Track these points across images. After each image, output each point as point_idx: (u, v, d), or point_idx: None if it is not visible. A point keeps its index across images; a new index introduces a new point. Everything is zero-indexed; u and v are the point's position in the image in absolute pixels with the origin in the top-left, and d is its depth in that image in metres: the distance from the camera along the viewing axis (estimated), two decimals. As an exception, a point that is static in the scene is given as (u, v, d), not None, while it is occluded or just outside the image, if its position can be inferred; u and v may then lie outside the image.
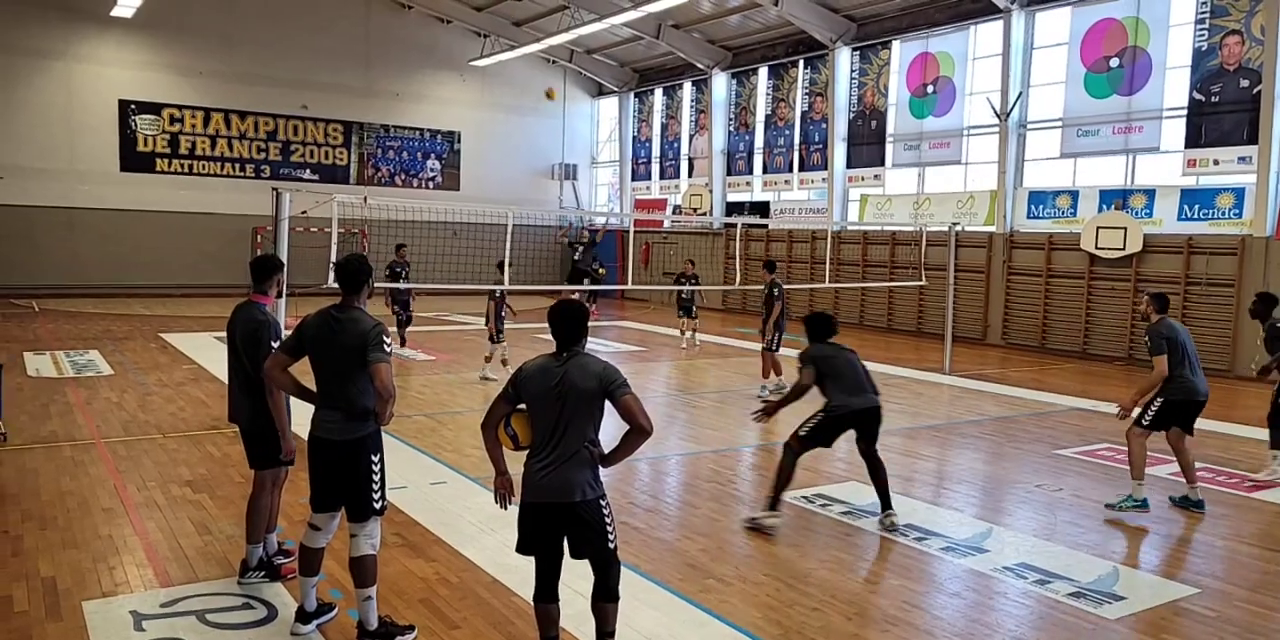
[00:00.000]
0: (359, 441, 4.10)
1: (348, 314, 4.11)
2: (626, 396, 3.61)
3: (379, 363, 3.96)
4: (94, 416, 8.67)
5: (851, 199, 19.87)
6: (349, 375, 4.05)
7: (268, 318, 4.68)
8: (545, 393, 3.66)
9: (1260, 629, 4.51)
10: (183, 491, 6.32)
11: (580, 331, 3.75)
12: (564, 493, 3.66)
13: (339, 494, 4.14)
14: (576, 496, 3.66)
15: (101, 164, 21.52)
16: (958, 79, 17.39)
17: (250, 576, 4.72)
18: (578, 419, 3.65)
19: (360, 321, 4.07)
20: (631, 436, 3.65)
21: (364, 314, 4.13)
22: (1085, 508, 6.55)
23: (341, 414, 4.07)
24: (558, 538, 3.75)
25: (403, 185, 25.12)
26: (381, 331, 4.05)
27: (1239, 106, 13.33)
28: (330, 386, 4.10)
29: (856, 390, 6.07)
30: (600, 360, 3.75)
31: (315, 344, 4.10)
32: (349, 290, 4.18)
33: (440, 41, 25.02)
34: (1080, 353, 15.21)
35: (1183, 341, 6.41)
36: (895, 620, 4.50)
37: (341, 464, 4.09)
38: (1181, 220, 14.15)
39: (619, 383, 3.63)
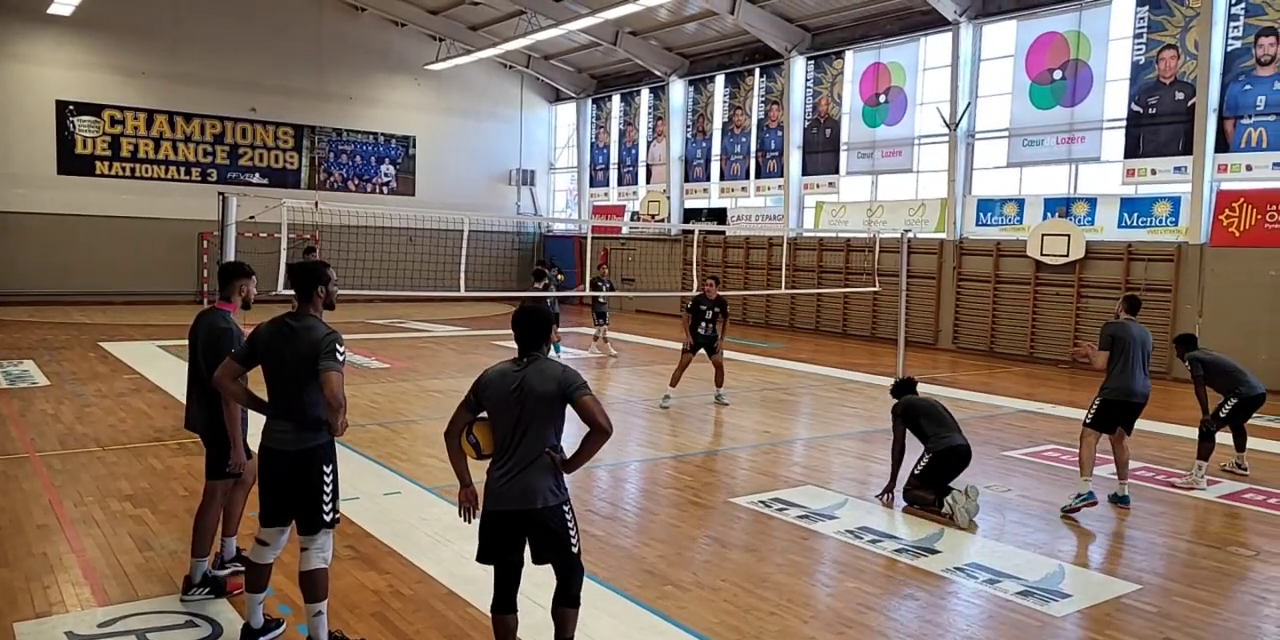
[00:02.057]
0: (311, 452, 4.01)
1: (302, 322, 4.02)
2: (585, 397, 3.59)
3: (329, 371, 3.87)
4: (28, 429, 8.36)
5: (807, 206, 20.11)
6: (301, 384, 3.97)
7: (230, 326, 4.62)
8: (504, 398, 3.64)
9: (1197, 622, 4.65)
10: (123, 506, 6.12)
11: (541, 336, 3.74)
12: (525, 500, 3.63)
13: (290, 507, 4.05)
14: (538, 503, 3.64)
15: (38, 167, 20.82)
16: (909, 89, 17.73)
17: (194, 593, 4.59)
18: (536, 424, 3.63)
19: (314, 329, 3.99)
20: (592, 437, 3.62)
21: (318, 322, 4.05)
22: (1032, 508, 6.69)
23: (293, 424, 3.99)
24: (519, 546, 3.72)
25: (356, 190, 24.76)
26: (335, 340, 3.97)
27: (1175, 118, 13.80)
28: (282, 396, 4.03)
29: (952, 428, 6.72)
30: (560, 364, 3.73)
31: (268, 352, 4.03)
32: (302, 297, 4.08)
33: (395, 45, 24.75)
34: (1027, 356, 15.58)
35: (1129, 343, 6.57)
36: (851, 622, 4.54)
37: (293, 475, 4.00)
38: (1121, 228, 14.60)
39: (577, 385, 3.60)
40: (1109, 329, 6.65)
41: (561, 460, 3.71)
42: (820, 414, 10.62)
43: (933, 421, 6.68)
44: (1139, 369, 6.62)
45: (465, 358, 14.04)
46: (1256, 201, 13.02)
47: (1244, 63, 13.09)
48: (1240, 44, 13.13)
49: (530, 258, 27.31)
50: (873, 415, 10.36)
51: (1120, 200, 14.66)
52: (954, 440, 6.56)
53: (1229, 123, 13.26)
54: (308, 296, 4.09)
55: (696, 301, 10.68)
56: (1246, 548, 5.90)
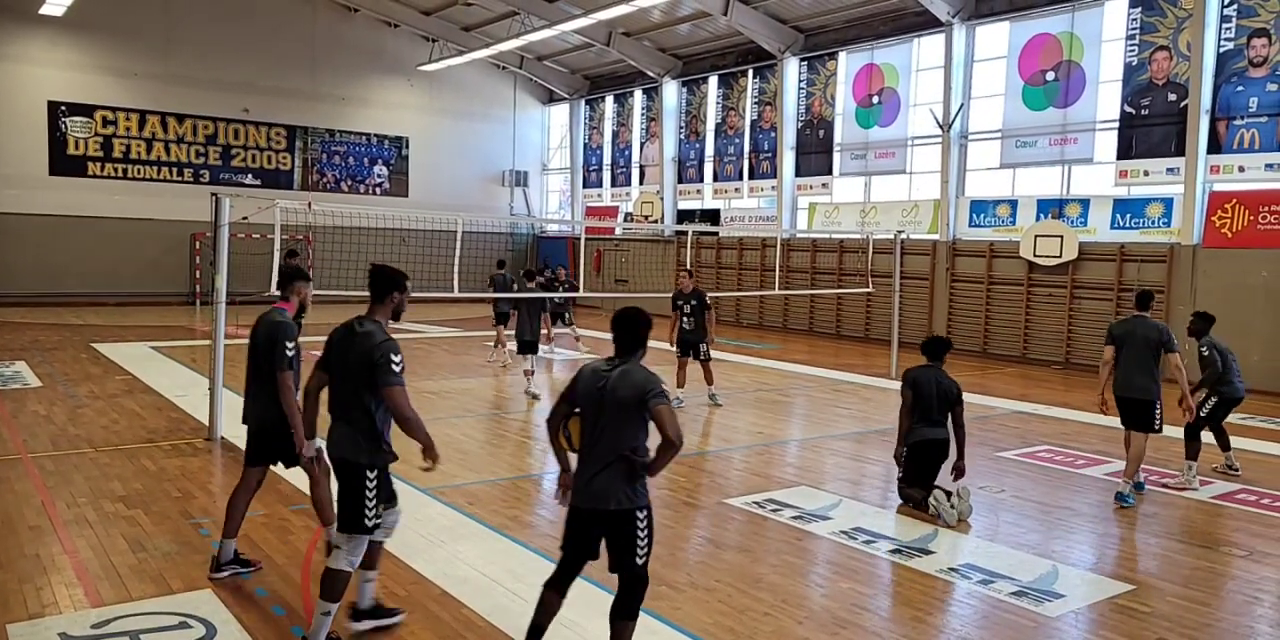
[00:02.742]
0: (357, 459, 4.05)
1: (364, 327, 4.06)
2: (660, 407, 3.58)
3: (388, 386, 3.90)
4: (20, 430, 8.32)
5: (800, 207, 20.14)
6: (355, 390, 4.01)
7: (285, 320, 4.85)
8: (590, 395, 3.71)
9: (1191, 623, 4.66)
10: (115, 507, 6.10)
11: (634, 339, 3.75)
12: (599, 499, 3.68)
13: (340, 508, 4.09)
14: (611, 504, 3.67)
15: (30, 168, 20.73)
16: (902, 90, 17.77)
17: (224, 570, 4.79)
18: (615, 425, 3.66)
19: (371, 336, 3.98)
20: (661, 448, 3.60)
21: (379, 329, 4.05)
22: (1026, 508, 6.71)
23: (348, 428, 4.05)
24: (593, 544, 3.77)
25: (349, 191, 24.71)
26: (389, 350, 3.93)
27: (1167, 119, 13.86)
28: (338, 398, 4.11)
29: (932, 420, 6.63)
30: (646, 370, 3.72)
31: (334, 353, 4.11)
32: (375, 299, 4.11)
33: (388, 46, 24.72)
34: (1020, 357, 15.62)
35: (1126, 341, 6.92)
36: (845, 622, 4.54)
37: (340, 479, 4.09)
38: (1114, 229, 14.65)
39: (655, 392, 3.60)
40: (1111, 328, 7.19)
41: (642, 464, 3.68)
42: (814, 415, 10.63)
43: (919, 406, 6.52)
44: (1133, 366, 6.88)
45: (458, 359, 14.01)
46: (1249, 202, 13.08)
47: (1236, 64, 13.16)
48: (1233, 45, 13.19)
49: (524, 259, 27.29)
50: (866, 416, 10.38)
51: (1113, 201, 14.72)
52: (925, 434, 6.49)
53: (1221, 124, 13.32)
54: (380, 300, 4.11)
55: (674, 298, 10.60)
56: (1239, 548, 5.93)
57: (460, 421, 9.32)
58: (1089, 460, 8.26)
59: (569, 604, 4.61)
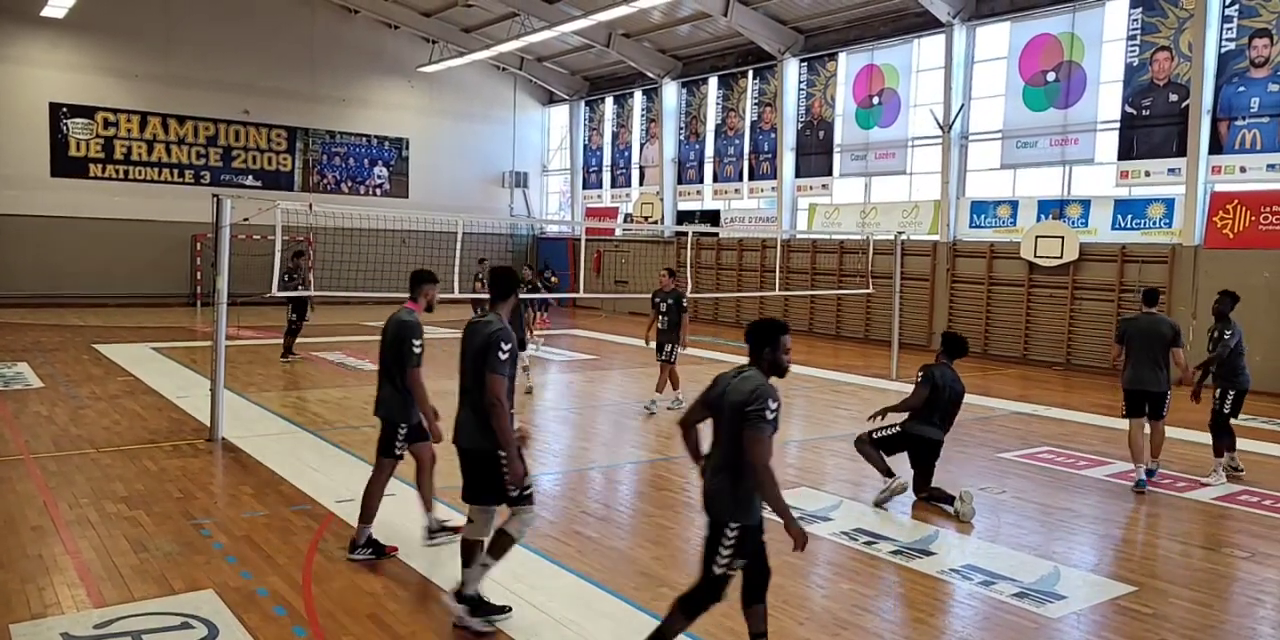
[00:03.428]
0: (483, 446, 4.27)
1: (485, 318, 4.38)
2: (750, 428, 3.52)
3: (491, 372, 4.18)
4: (22, 431, 8.32)
5: (800, 208, 20.14)
6: (476, 378, 4.28)
7: (413, 319, 5.15)
8: (715, 399, 3.74)
9: (1193, 624, 4.66)
10: (117, 508, 6.10)
11: (761, 347, 3.71)
12: (707, 503, 3.73)
13: (482, 489, 4.33)
14: (712, 512, 3.70)
15: (31, 169, 20.74)
16: (902, 91, 17.77)
17: (359, 553, 5.11)
18: (727, 431, 3.65)
19: (490, 324, 4.31)
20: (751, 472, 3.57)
21: (496, 318, 4.35)
22: (1027, 509, 6.70)
23: (473, 416, 4.31)
24: None
25: (349, 192, 24.72)
26: (500, 338, 4.20)
27: (1168, 120, 13.86)
28: (465, 387, 4.37)
29: None
30: (759, 381, 3.63)
31: (462, 346, 4.42)
32: (495, 297, 4.43)
33: (388, 47, 24.73)
34: (1021, 358, 15.62)
35: (1131, 336, 7.35)
36: (846, 623, 4.54)
37: (475, 466, 4.33)
38: (1115, 229, 14.65)
39: (755, 409, 3.52)
40: (1119, 325, 7.63)
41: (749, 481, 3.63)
42: (814, 416, 10.63)
43: (932, 406, 6.64)
44: (1145, 360, 7.26)
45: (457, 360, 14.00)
46: (1250, 203, 13.07)
47: (1238, 64, 13.16)
48: (1234, 45, 13.19)
49: (524, 260, 27.30)
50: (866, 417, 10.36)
51: (1114, 202, 14.71)
52: (927, 433, 6.63)
53: (1223, 124, 13.31)
54: (504, 297, 4.43)
55: (653, 295, 10.47)
56: (1241, 549, 5.92)
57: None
58: (1090, 461, 8.25)
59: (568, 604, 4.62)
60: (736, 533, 3.67)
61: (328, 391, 10.95)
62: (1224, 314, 7.75)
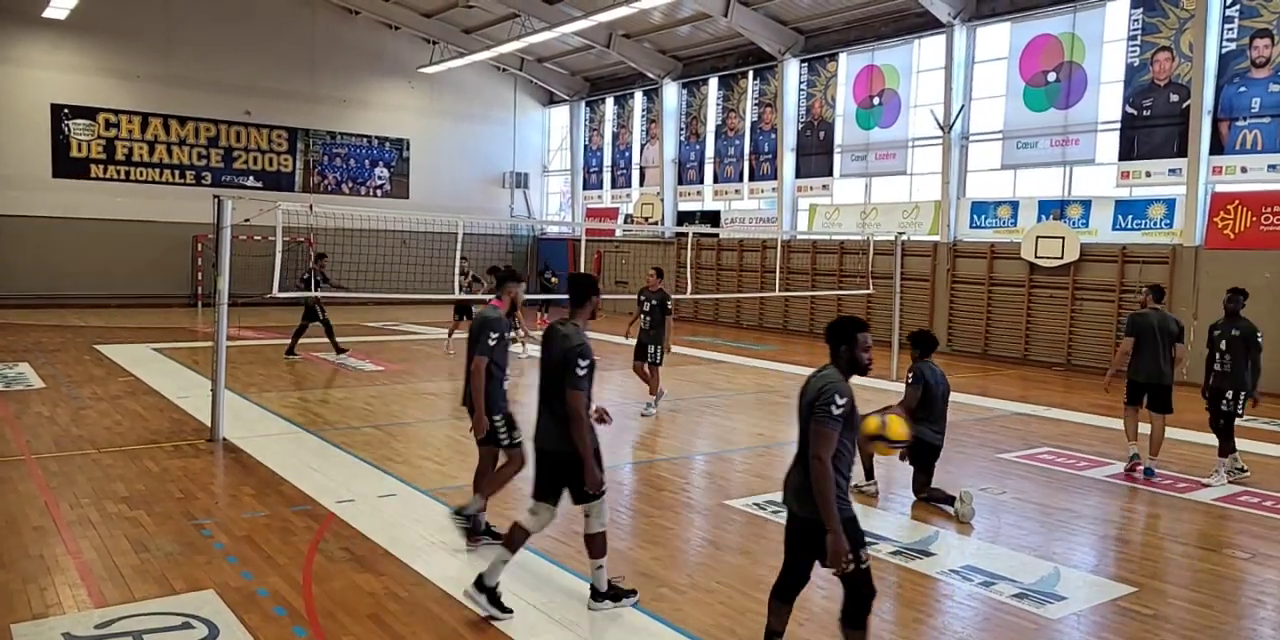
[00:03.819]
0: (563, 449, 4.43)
1: (565, 328, 4.50)
2: (815, 422, 3.53)
3: (570, 388, 4.32)
4: (23, 431, 8.34)
5: (800, 208, 20.15)
6: (555, 386, 4.44)
7: (497, 316, 5.34)
8: (800, 396, 3.76)
9: (1193, 625, 4.66)
10: (118, 508, 6.11)
11: (836, 344, 3.72)
12: (791, 499, 3.72)
13: (555, 488, 4.52)
14: (794, 506, 3.68)
15: (32, 170, 20.78)
16: (902, 91, 17.77)
17: (479, 538, 5.39)
18: (803, 428, 3.67)
19: (569, 338, 4.42)
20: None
21: (576, 331, 4.47)
22: (1028, 510, 6.70)
23: (552, 420, 4.47)
24: (795, 546, 3.74)
25: (350, 193, 24.74)
26: (579, 354, 4.34)
27: (1169, 120, 13.86)
28: (543, 393, 4.53)
29: None
30: (831, 378, 3.63)
31: (543, 351, 4.55)
32: (575, 304, 4.59)
33: (388, 48, 24.75)
34: (1021, 359, 15.61)
35: (1143, 330, 7.68)
36: (846, 625, 4.54)
37: (552, 467, 4.50)
38: (1116, 230, 14.64)
39: (822, 404, 3.52)
40: (1131, 319, 7.90)
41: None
42: (816, 416, 10.61)
43: (927, 406, 6.71)
44: (1154, 354, 7.61)
45: (459, 360, 14.00)
46: (1251, 204, 13.06)
47: (1239, 65, 13.15)
48: (1235, 46, 13.19)
49: (524, 260, 27.32)
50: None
51: (1115, 202, 14.71)
52: (927, 436, 6.66)
53: (1224, 125, 13.31)
54: (580, 303, 4.56)
55: (639, 294, 10.29)
56: (1242, 550, 5.92)
57: (462, 423, 9.32)
58: (1090, 462, 8.25)
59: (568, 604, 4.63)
60: None
61: (329, 392, 10.95)
62: (1235, 312, 7.69)
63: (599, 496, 4.51)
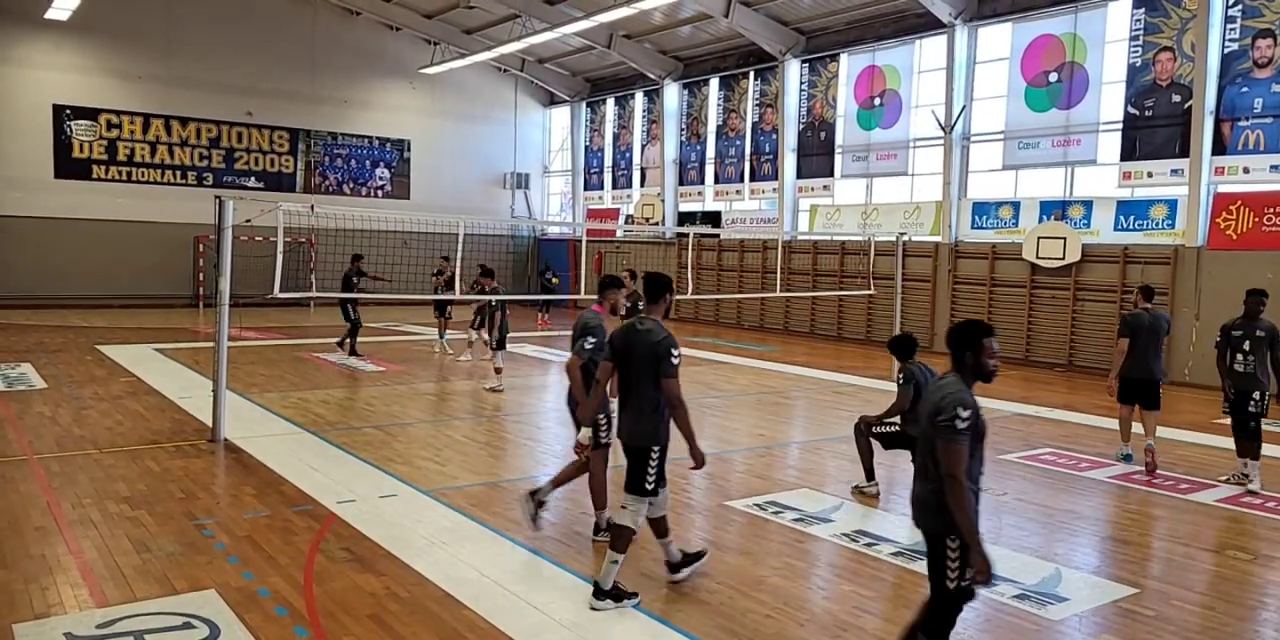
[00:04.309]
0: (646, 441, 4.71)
1: (645, 325, 4.72)
2: (940, 438, 3.37)
3: (665, 377, 4.59)
4: (26, 431, 8.34)
5: (801, 209, 20.14)
6: (641, 381, 4.66)
7: (598, 322, 5.53)
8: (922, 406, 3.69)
9: (1196, 627, 4.65)
10: (120, 508, 6.11)
11: (957, 352, 3.58)
12: (918, 516, 3.60)
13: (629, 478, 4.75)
14: (924, 523, 3.55)
15: (34, 171, 20.81)
16: (904, 92, 17.77)
17: (601, 535, 5.52)
18: (927, 442, 3.52)
19: (653, 333, 4.67)
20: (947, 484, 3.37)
21: (659, 326, 4.73)
22: (1029, 511, 6.70)
23: (636, 414, 4.70)
24: None
25: (351, 194, 24.76)
26: (670, 345, 4.60)
27: (1171, 121, 13.85)
28: (627, 389, 4.75)
29: None
30: (951, 389, 3.48)
31: (620, 352, 4.75)
32: (650, 301, 4.82)
33: (389, 48, 24.77)
34: (1023, 360, 15.60)
35: (1138, 330, 7.89)
36: (847, 625, 4.54)
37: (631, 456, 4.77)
38: (1118, 231, 14.63)
39: (944, 419, 3.36)
40: (1125, 319, 8.10)
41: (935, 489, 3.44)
42: (815, 417, 10.63)
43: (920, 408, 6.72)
44: (1148, 352, 7.90)
45: (460, 361, 14.03)
46: (1254, 204, 13.05)
47: (1241, 65, 13.14)
48: (1237, 46, 13.18)
49: (525, 261, 27.35)
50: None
51: (1116, 203, 14.69)
52: None
53: (1226, 125, 13.29)
54: (655, 301, 4.80)
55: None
56: (1245, 552, 5.91)
57: (462, 423, 9.34)
58: (1092, 463, 8.25)
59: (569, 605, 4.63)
60: (958, 544, 3.45)
61: (329, 392, 10.96)
62: (1256, 313, 7.54)
63: (646, 493, 4.73)
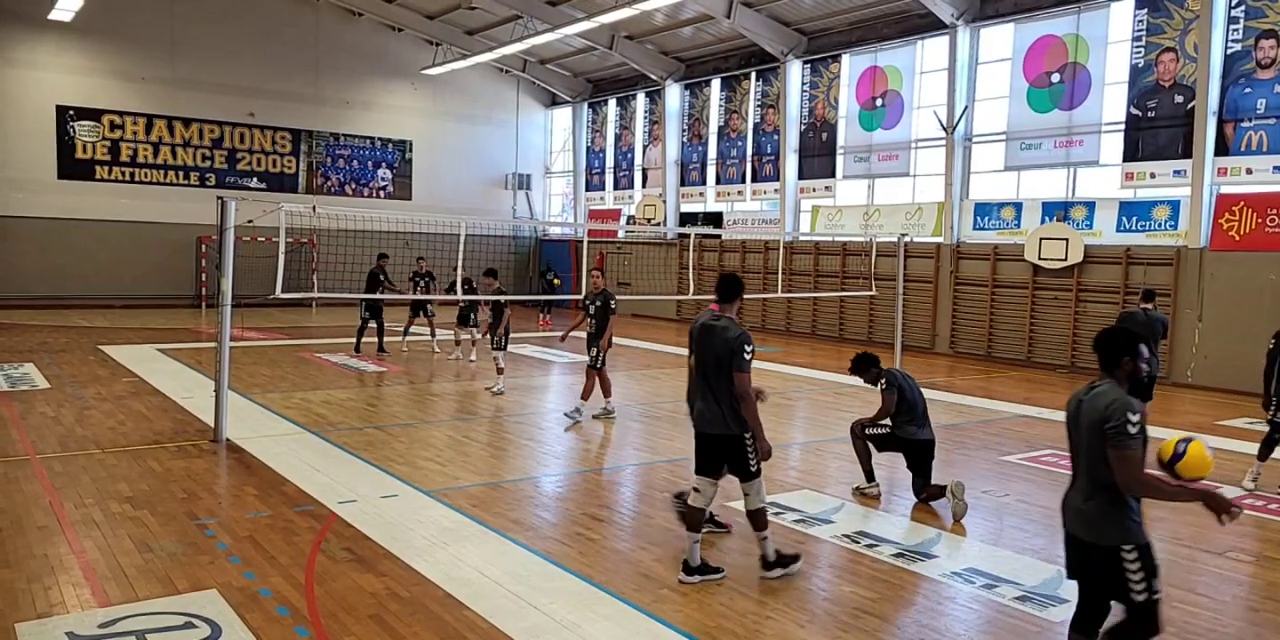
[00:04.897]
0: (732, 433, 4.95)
1: (720, 322, 4.97)
2: (1113, 447, 3.28)
3: (737, 371, 4.83)
4: (28, 431, 8.36)
5: (803, 210, 20.14)
6: (715, 375, 4.90)
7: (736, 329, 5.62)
8: (1070, 419, 3.57)
9: (1198, 628, 4.65)
10: (122, 508, 6.13)
11: (1106, 359, 3.47)
12: (1087, 532, 3.48)
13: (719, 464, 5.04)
14: (1086, 534, 3.47)
15: (38, 171, 20.85)
16: (906, 93, 17.76)
17: (706, 527, 5.49)
18: (1090, 454, 3.44)
19: (728, 330, 4.92)
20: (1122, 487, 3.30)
21: (732, 323, 4.98)
22: (1031, 513, 6.69)
23: (710, 405, 4.95)
24: (1083, 575, 3.57)
25: (353, 194, 24.79)
26: (744, 341, 4.85)
27: (1174, 122, 13.83)
28: (702, 383, 4.98)
29: None
30: (1114, 395, 3.37)
31: (696, 346, 5.04)
32: (723, 300, 5.05)
33: (391, 49, 24.80)
34: (1025, 361, 15.58)
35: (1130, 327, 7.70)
36: (847, 626, 4.54)
37: (710, 446, 5.01)
38: (1120, 231, 14.62)
39: (1115, 426, 3.27)
40: (1120, 316, 8.59)
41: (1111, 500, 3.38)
42: (816, 418, 10.62)
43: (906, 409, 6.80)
44: None
45: (461, 362, 14.04)
46: (1257, 205, 13.03)
47: (1244, 65, 13.13)
48: (1240, 47, 13.16)
49: (527, 261, 27.36)
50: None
51: (1119, 204, 14.68)
52: (918, 435, 6.76)
53: (1229, 126, 13.28)
54: (730, 300, 5.04)
55: (584, 297, 9.93)
56: (1246, 553, 5.90)
57: (463, 423, 9.35)
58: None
59: (570, 606, 4.63)
60: (1134, 553, 3.40)
61: (331, 393, 10.97)
62: None
63: (758, 475, 5.00)
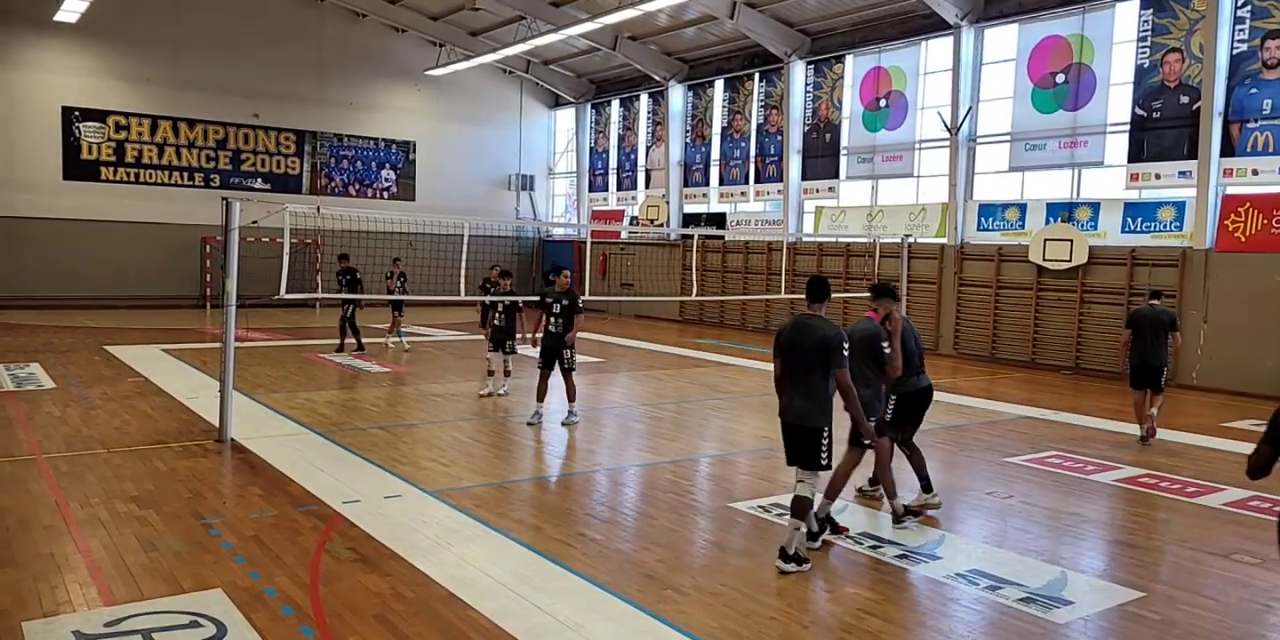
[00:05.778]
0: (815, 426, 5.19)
1: (812, 321, 5.22)
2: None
3: (837, 367, 5.10)
4: (35, 431, 8.39)
5: (806, 211, 20.13)
6: (809, 371, 5.14)
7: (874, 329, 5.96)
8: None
9: (1202, 631, 4.64)
10: (128, 507, 6.14)
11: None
12: None
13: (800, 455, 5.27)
14: None
15: (44, 173, 20.92)
16: (909, 93, 17.74)
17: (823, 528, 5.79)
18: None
19: (822, 329, 5.15)
20: None
21: (826, 322, 5.20)
22: (1035, 514, 6.68)
23: (803, 401, 5.18)
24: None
25: (357, 195, 24.83)
26: (841, 340, 5.08)
27: (1179, 122, 13.80)
28: (795, 379, 5.22)
29: None
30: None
31: (787, 344, 5.26)
32: (813, 299, 5.30)
33: (395, 50, 24.84)
34: (1029, 362, 15.56)
35: (1140, 321, 9.14)
36: (851, 628, 4.54)
37: (799, 438, 5.27)
38: (1125, 233, 14.58)
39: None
40: (1130, 313, 9.50)
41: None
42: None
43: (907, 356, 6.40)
44: (1151, 342, 9.06)
45: (465, 362, 14.05)
46: (1262, 206, 12.99)
47: (1250, 66, 13.09)
48: (1246, 47, 13.13)
49: (530, 262, 27.38)
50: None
51: (1124, 205, 14.64)
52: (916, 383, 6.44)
53: (1235, 126, 13.24)
54: (820, 299, 5.29)
55: (543, 294, 9.55)
56: (1251, 555, 5.89)
57: (466, 424, 9.36)
58: (1098, 466, 8.22)
59: (572, 606, 4.64)
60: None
61: (335, 393, 10.99)
62: None
63: (820, 468, 5.23)
